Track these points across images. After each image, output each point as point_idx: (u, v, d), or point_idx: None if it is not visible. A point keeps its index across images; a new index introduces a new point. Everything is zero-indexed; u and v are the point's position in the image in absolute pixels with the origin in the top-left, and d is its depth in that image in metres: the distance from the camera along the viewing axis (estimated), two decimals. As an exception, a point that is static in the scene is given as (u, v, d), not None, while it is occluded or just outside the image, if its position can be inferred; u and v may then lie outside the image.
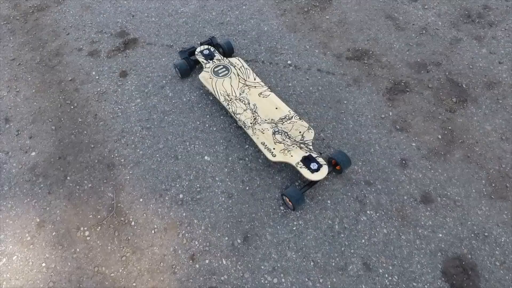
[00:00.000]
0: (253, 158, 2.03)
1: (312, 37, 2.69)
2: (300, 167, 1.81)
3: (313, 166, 1.81)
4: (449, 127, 2.15)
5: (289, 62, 2.52)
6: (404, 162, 2.01)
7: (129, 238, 1.76)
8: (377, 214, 1.82)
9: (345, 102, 2.29)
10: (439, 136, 2.12)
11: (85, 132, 2.16)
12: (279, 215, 1.83)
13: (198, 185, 1.93)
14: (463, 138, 2.11)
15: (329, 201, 1.87)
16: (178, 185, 1.93)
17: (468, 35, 2.68)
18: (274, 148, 1.90)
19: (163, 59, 2.55)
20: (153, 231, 1.78)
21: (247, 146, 2.08)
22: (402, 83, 2.38)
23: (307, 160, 1.83)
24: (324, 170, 1.80)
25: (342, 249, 1.72)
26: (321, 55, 2.56)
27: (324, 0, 2.97)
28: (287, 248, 1.72)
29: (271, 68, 2.48)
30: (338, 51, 2.59)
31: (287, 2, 2.97)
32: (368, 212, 1.83)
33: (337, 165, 1.91)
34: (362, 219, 1.80)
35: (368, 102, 2.29)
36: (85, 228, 1.79)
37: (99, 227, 1.79)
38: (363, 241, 1.74)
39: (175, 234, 1.77)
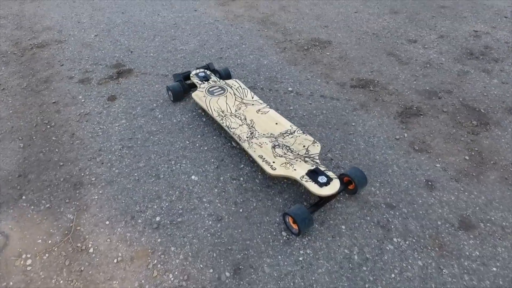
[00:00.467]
0: (248, 178, 1.71)
1: (313, 69, 2.59)
2: (306, 181, 1.48)
3: (322, 179, 1.48)
4: (476, 149, 1.87)
5: (289, 88, 2.37)
6: (430, 183, 1.67)
7: (82, 269, 1.33)
8: (407, 243, 1.42)
9: (353, 124, 2.05)
10: (466, 157, 1.82)
11: (56, 150, 1.88)
12: (280, 242, 1.43)
13: (180, 207, 1.57)
14: (495, 159, 1.80)
15: (343, 227, 1.48)
16: (156, 207, 1.57)
17: (475, 68, 2.58)
18: (273, 162, 1.59)
19: (156, 86, 2.40)
20: (115, 260, 1.36)
21: (242, 166, 1.77)
22: (414, 108, 2.18)
23: (314, 174, 1.51)
24: (336, 183, 1.46)
25: (366, 286, 1.28)
26: (323, 83, 2.42)
27: (323, 41, 2.97)
28: (291, 284, 1.28)
29: (271, 94, 2.31)
30: (341, 80, 2.46)
31: (287, 42, 2.97)
32: (394, 239, 1.43)
33: (350, 183, 1.58)
34: (388, 248, 1.40)
35: (379, 124, 2.05)
36: (28, 256, 1.38)
37: (47, 255, 1.38)
38: (392, 275, 1.30)
39: (144, 264, 1.35)
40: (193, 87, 2.24)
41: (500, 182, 1.68)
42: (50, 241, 1.43)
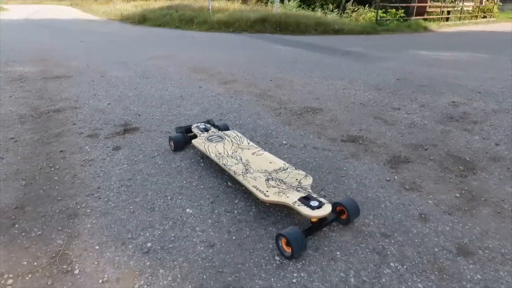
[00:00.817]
0: (243, 211, 1.72)
1: (306, 128, 2.79)
2: (298, 205, 1.51)
3: (314, 203, 1.51)
4: (465, 188, 1.92)
5: (284, 142, 2.53)
6: (423, 216, 1.68)
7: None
8: (404, 267, 1.37)
9: (345, 169, 2.14)
10: (457, 195, 1.85)
11: (56, 187, 1.93)
12: (273, 266, 1.38)
13: (173, 235, 1.55)
14: (485, 196, 1.84)
15: (338, 252, 1.44)
16: (148, 234, 1.55)
17: (457, 128, 2.78)
18: (267, 191, 1.64)
19: (160, 139, 2.57)
20: (100, 281, 1.30)
21: (237, 201, 1.80)
22: (402, 157, 2.29)
23: (306, 200, 1.54)
24: (327, 207, 1.49)
25: (364, 307, 1.19)
26: (316, 138, 2.59)
27: (315, 108, 3.27)
28: (285, 305, 1.20)
29: (266, 146, 2.46)
30: (332, 136, 2.63)
31: (282, 109, 3.25)
32: (392, 264, 1.38)
33: (343, 213, 1.60)
34: (385, 272, 1.34)
35: (370, 169, 2.13)
36: (10, 276, 1.32)
37: (30, 275, 1.32)
38: (392, 297, 1.23)
39: (129, 285, 1.28)
40: (194, 138, 2.39)
41: (493, 215, 1.68)
42: (35, 263, 1.38)
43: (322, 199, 1.54)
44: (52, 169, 2.13)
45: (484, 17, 17.22)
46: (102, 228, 1.60)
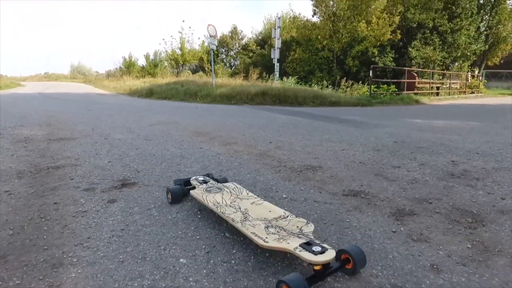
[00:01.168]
0: (240, 261, 1.60)
1: (306, 184, 2.76)
2: (300, 251, 1.41)
3: (316, 248, 1.41)
4: (477, 239, 1.81)
5: (284, 195, 2.47)
6: (435, 267, 1.55)
7: None
8: (421, 320, 1.22)
9: (348, 221, 2.05)
10: (469, 246, 1.74)
11: (44, 237, 1.83)
12: (274, 319, 1.23)
13: (163, 285, 1.42)
14: (499, 247, 1.73)
15: (345, 304, 1.30)
16: (136, 284, 1.42)
17: (459, 184, 2.75)
18: (266, 237, 1.55)
19: (157, 193, 2.52)
20: (77, 334, 1.14)
21: (234, 251, 1.69)
22: (407, 209, 2.22)
23: (308, 245, 1.45)
24: (331, 252, 1.39)
25: None
26: (316, 193, 2.54)
27: (315, 166, 3.27)
28: None
29: (266, 199, 2.39)
30: (333, 191, 2.58)
31: (282, 167, 3.26)
32: (406, 317, 1.23)
33: (348, 262, 1.49)
34: (400, 326, 1.19)
35: (374, 221, 2.05)
36: (-23, 328, 1.17)
37: (-1, 328, 1.17)
38: None
39: None
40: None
41: (511, 266, 1.56)
42: (7, 315, 1.24)
43: (325, 245, 1.45)
44: (43, 219, 2.05)
45: (472, 92, 18.33)
46: (87, 277, 1.47)
